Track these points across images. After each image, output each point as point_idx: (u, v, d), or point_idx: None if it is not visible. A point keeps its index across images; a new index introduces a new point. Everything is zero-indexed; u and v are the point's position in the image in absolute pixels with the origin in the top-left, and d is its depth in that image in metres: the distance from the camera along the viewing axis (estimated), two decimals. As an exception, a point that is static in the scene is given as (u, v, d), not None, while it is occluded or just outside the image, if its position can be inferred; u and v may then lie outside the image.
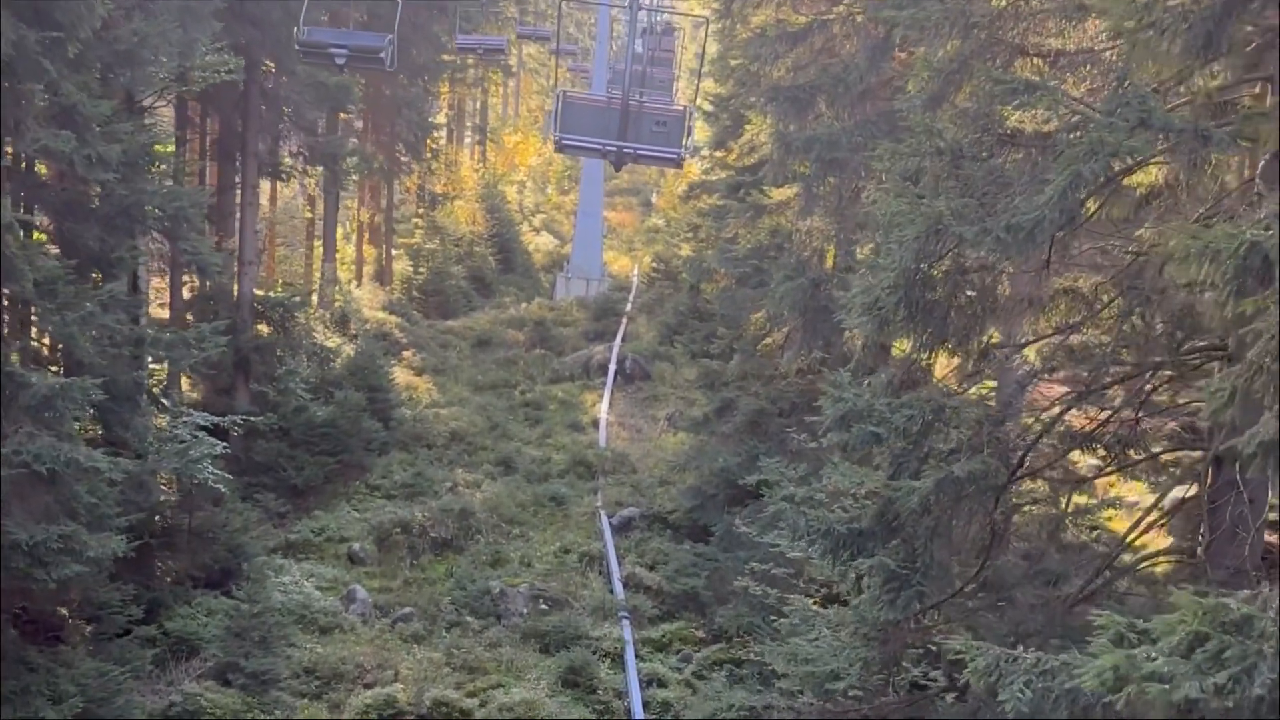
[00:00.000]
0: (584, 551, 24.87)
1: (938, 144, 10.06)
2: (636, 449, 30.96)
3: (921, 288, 10.09)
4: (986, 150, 10.17)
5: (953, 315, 10.36)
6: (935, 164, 10.18)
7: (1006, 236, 8.83)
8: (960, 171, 10.07)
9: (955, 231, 9.40)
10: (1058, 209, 8.55)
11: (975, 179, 9.94)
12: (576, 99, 25.20)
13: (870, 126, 20.30)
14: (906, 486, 9.97)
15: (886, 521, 10.59)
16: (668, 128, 22.61)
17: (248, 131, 26.57)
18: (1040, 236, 8.78)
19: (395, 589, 23.55)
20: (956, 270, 10.23)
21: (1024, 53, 10.88)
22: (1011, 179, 9.83)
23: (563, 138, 22.95)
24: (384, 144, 42.55)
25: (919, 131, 10.22)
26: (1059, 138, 9.51)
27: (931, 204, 9.55)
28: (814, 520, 11.60)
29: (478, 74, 58.17)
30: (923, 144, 10.19)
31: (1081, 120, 8.95)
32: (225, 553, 22.25)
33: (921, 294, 10.09)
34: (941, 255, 9.98)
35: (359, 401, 28.35)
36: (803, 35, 23.34)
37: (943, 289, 10.25)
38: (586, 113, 23.35)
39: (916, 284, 10.03)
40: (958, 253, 9.94)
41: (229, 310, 27.08)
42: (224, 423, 22.62)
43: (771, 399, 23.41)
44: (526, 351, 39.23)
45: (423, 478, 27.85)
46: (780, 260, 23.61)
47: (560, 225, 61.52)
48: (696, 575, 23.21)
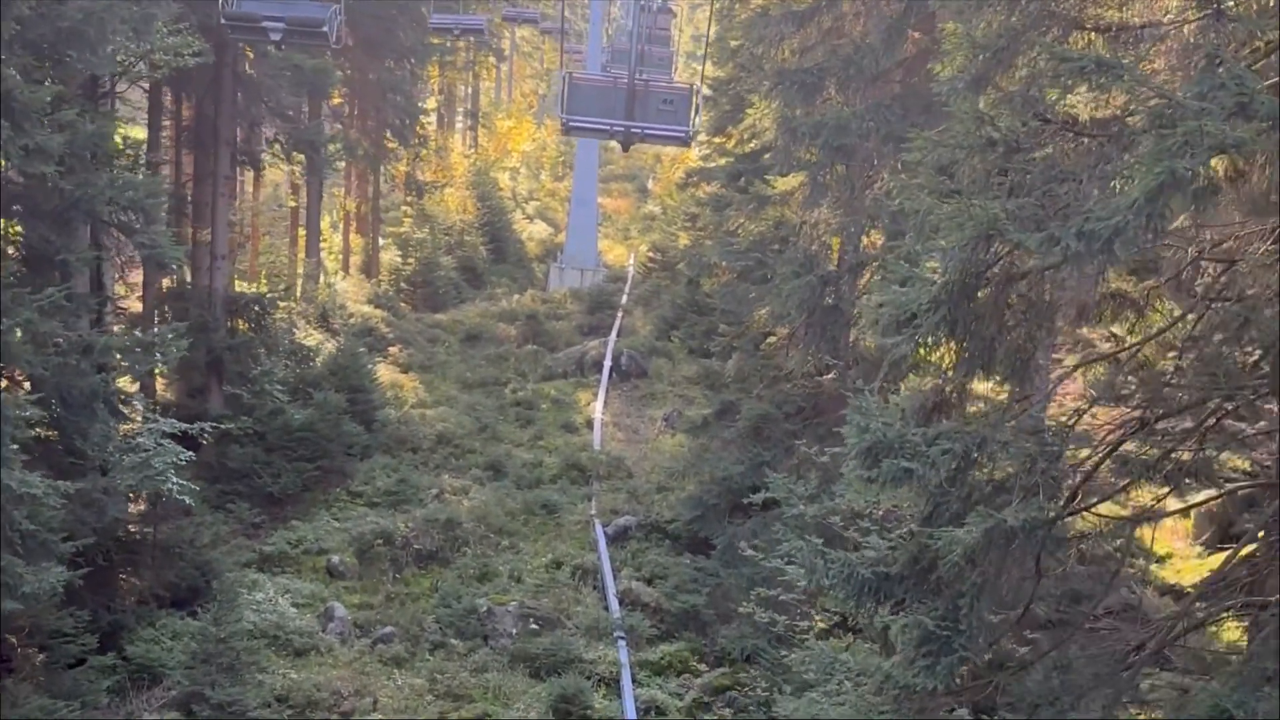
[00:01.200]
0: (577, 564, 23.42)
1: (989, 133, 8.57)
2: (633, 451, 29.47)
3: (968, 301, 8.62)
4: (1044, 140, 8.67)
5: (1002, 332, 8.89)
6: (985, 157, 8.70)
7: (1079, 245, 7.35)
8: (1012, 165, 8.59)
9: (1014, 238, 7.94)
10: (1144, 214, 7.07)
11: (1032, 175, 8.45)
12: (582, 80, 24.67)
13: (884, 111, 18.83)
14: (949, 537, 8.52)
15: (921, 568, 9.15)
16: (674, 106, 22.18)
17: (220, 118, 25.05)
18: (1120, 246, 7.31)
19: (376, 605, 22.16)
20: (1005, 278, 8.74)
21: (1080, 26, 9.39)
22: (1072, 174, 8.34)
23: (570, 120, 22.61)
24: (370, 130, 41.02)
25: (966, 118, 8.72)
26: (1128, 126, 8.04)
27: (984, 206, 8.07)
28: (834, 561, 10.14)
29: (469, 57, 56.61)
30: (970, 133, 8.70)
31: (1165, 105, 7.46)
32: (193, 570, 20.83)
33: (967, 308, 8.63)
34: (992, 264, 8.51)
35: (339, 403, 26.85)
36: (810, 14, 21.88)
37: (991, 303, 8.78)
38: (593, 94, 23.01)
39: (962, 298, 8.55)
40: (1009, 261, 8.48)
41: (201, 307, 25.64)
42: (193, 430, 21.18)
43: (777, 403, 21.93)
44: (518, 347, 37.69)
45: (407, 484, 26.37)
46: (785, 254, 22.15)
47: (554, 213, 59.97)
48: (697, 592, 21.78)
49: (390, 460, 27.80)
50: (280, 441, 25.64)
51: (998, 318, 8.89)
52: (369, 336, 35.59)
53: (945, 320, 8.55)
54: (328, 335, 33.19)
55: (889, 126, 18.52)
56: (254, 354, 26.15)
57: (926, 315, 8.55)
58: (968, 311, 8.66)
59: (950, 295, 8.49)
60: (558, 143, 68.22)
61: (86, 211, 16.21)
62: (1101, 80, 7.85)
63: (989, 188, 9.17)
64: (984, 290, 8.71)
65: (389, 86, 38.75)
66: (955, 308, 8.54)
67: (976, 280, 8.60)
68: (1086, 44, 9.26)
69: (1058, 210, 8.12)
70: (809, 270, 20.10)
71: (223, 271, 25.60)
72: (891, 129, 18.41)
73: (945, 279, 8.49)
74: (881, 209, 18.26)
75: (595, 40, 48.55)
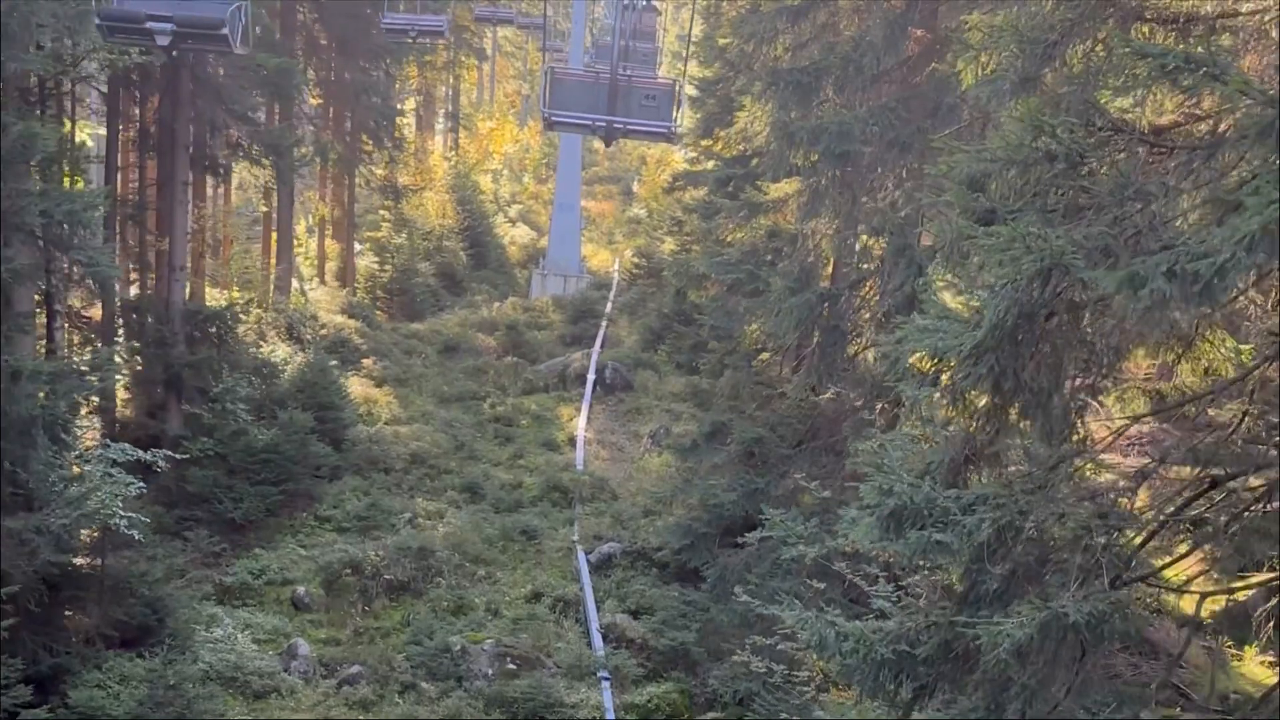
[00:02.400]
0: (558, 596, 21.97)
1: (1047, 145, 7.15)
2: (617, 471, 27.99)
3: (1017, 347, 7.23)
4: (1114, 153, 7.24)
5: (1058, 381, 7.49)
6: (1042, 171, 7.30)
7: (1170, 288, 5.93)
8: (1069, 183, 7.19)
9: (1084, 277, 6.55)
10: (1261, 249, 5.66)
11: (1098, 194, 7.05)
12: (565, 75, 24.20)
13: (887, 114, 17.45)
14: (994, 630, 7.11)
15: (956, 656, 7.76)
16: (657, 101, 21.76)
17: (177, 121, 23.52)
18: (1223, 288, 5.91)
19: (344, 641, 20.76)
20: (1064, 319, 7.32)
21: (1140, 17, 8.02)
22: (1146, 193, 6.94)
23: (552, 114, 22.16)
24: (345, 133, 39.51)
25: (1019, 126, 7.29)
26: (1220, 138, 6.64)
27: (1043, 235, 6.66)
28: (847, 635, 8.70)
29: (449, 57, 55.11)
30: (1021, 144, 7.29)
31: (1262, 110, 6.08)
32: (144, 607, 19.40)
33: (1016, 355, 7.24)
34: (1049, 302, 7.10)
35: (306, 422, 25.34)
36: (804, 10, 20.53)
37: (1049, 349, 7.38)
38: (575, 89, 22.51)
39: (1012, 343, 7.16)
40: (1069, 298, 7.08)
41: (158, 321, 24.15)
42: (146, 457, 19.71)
43: (771, 425, 20.50)
44: (498, 359, 36.18)
45: (378, 508, 24.88)
46: (780, 266, 20.75)
47: (537, 216, 58.50)
48: (686, 628, 20.34)
49: (361, 482, 26.33)
50: (243, 463, 24.20)
51: (1054, 367, 7.49)
52: (342, 348, 34.09)
53: (991, 372, 7.16)
54: (297, 348, 31.62)
55: (893, 131, 17.17)
56: (215, 370, 24.65)
57: (967, 364, 7.15)
58: (1016, 359, 7.28)
59: (998, 341, 7.10)
60: (541, 144, 66.81)
61: (14, 224, 14.67)
62: (1189, 82, 6.43)
63: (1031, 206, 7.76)
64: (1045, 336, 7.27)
65: (363, 88, 37.27)
66: (1003, 356, 7.16)
67: (1029, 323, 7.21)
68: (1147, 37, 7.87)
69: (1127, 238, 6.76)
70: (806, 285, 18.74)
71: (181, 284, 24.09)
72: (896, 133, 17.04)
73: (993, 321, 7.08)
74: (886, 220, 16.88)
75: (578, 39, 47.26)
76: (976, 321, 7.21)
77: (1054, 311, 7.23)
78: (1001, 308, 7.03)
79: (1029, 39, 7.96)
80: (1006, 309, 6.99)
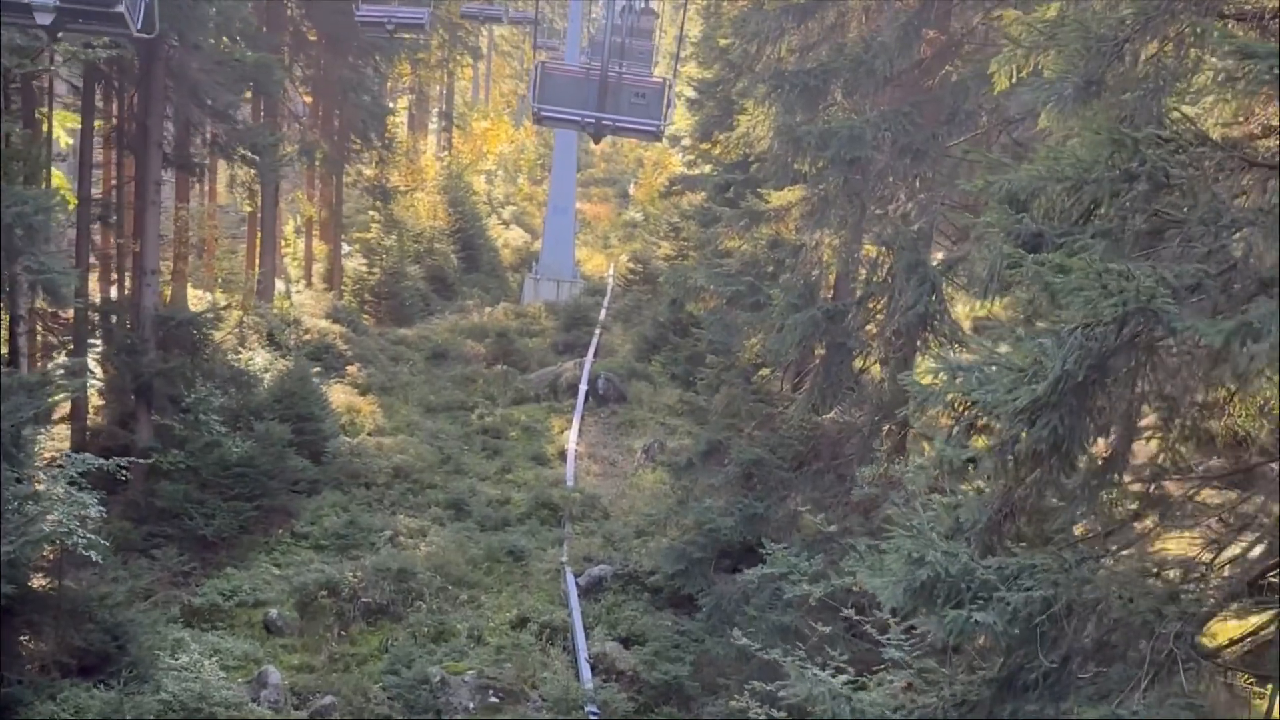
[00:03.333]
0: (545, 621, 20.82)
1: (1128, 165, 6.03)
2: (609, 487, 26.84)
3: (1083, 401, 6.11)
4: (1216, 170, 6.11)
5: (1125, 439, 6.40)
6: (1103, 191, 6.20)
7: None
8: (1150, 206, 6.10)
9: (1179, 325, 5.45)
10: None
11: (1189, 223, 5.94)
12: (555, 70, 24.28)
13: (900, 119, 16.34)
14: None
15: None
16: (647, 100, 22.28)
17: (149, 117, 22.36)
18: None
19: (318, 668, 19.64)
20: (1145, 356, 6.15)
21: (1220, 13, 6.91)
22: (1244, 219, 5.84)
23: (541, 109, 22.61)
24: (333, 131, 38.34)
25: (1101, 138, 6.17)
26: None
27: (1129, 273, 5.53)
28: (862, 712, 7.56)
29: (443, 55, 53.95)
30: (1099, 159, 6.17)
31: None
32: (103, 633, 18.17)
33: (1082, 411, 6.12)
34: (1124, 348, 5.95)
35: (284, 434, 24.18)
36: (811, 9, 19.45)
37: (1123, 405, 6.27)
38: (565, 84, 22.92)
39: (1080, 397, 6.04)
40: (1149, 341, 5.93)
41: (128, 327, 23.02)
42: (109, 466, 18.56)
43: (771, 445, 19.37)
44: (487, 367, 35.01)
45: (357, 526, 23.73)
46: (782, 279, 19.66)
47: (532, 218, 57.40)
48: (680, 660, 19.21)
49: (340, 497, 25.17)
50: (216, 477, 23.05)
51: (1125, 423, 6.38)
52: (326, 354, 32.97)
53: (1053, 433, 6.05)
54: (278, 354, 30.46)
55: (906, 137, 16.07)
56: (188, 379, 23.48)
57: (1020, 422, 6.02)
58: (1083, 418, 6.15)
59: (1062, 397, 5.98)
60: (537, 144, 65.71)
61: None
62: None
63: (1084, 231, 6.66)
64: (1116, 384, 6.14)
65: (352, 85, 36.11)
66: (1068, 415, 6.04)
67: (1101, 375, 6.08)
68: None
69: (1220, 273, 5.68)
70: (809, 301, 17.63)
71: (154, 288, 22.92)
72: (909, 140, 15.95)
73: (1058, 374, 5.94)
74: (898, 233, 15.78)
75: (573, 37, 46.25)
76: (1035, 372, 6.07)
77: (1136, 362, 6.08)
78: (1070, 358, 5.89)
79: (1096, 35, 6.83)
80: (1078, 359, 5.85)
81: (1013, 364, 6.24)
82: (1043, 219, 7.39)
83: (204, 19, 21.05)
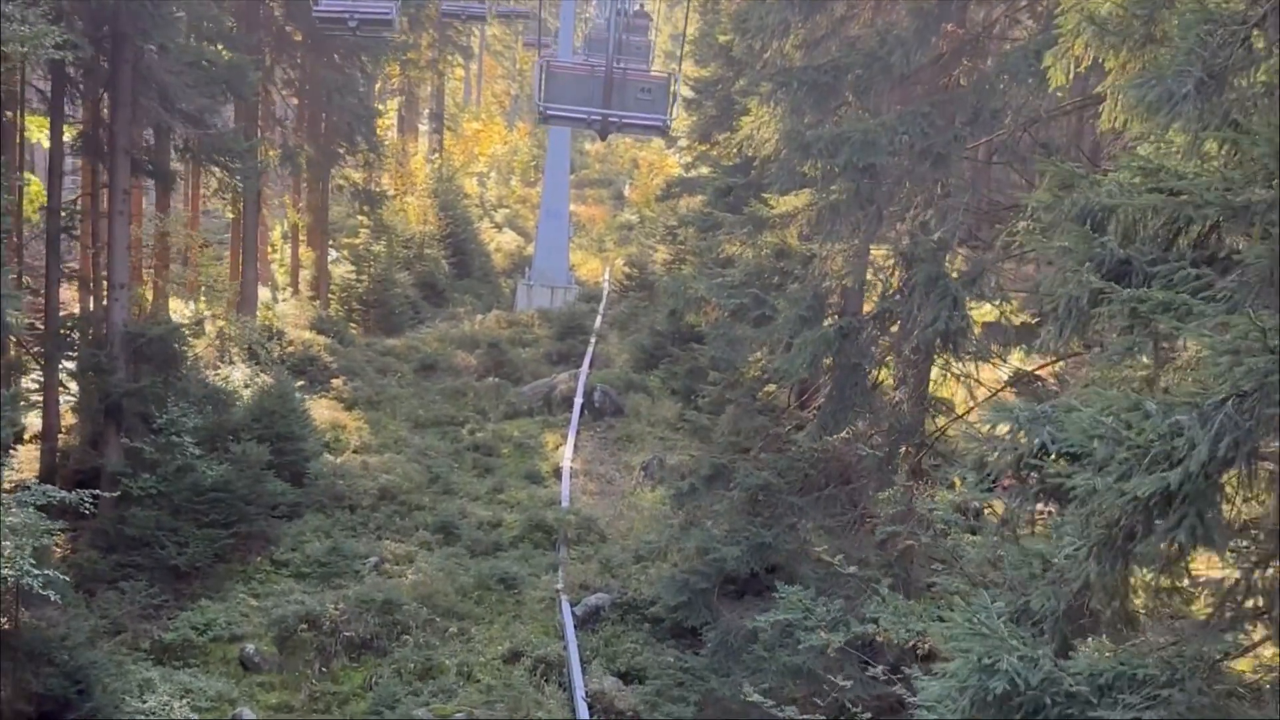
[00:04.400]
0: (539, 656, 19.57)
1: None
2: (606, 507, 25.53)
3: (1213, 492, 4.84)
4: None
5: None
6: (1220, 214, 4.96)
7: None
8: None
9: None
10: None
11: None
12: (559, 68, 24.07)
13: (919, 120, 15.08)
14: None
15: None
16: (652, 95, 22.20)
17: (116, 122, 21.06)
18: None
19: (297, 708, 18.53)
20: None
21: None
22: None
23: (547, 107, 22.40)
24: (319, 134, 37.01)
25: (1261, 149, 4.91)
26: None
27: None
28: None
29: (433, 55, 52.65)
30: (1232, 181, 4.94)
31: None
32: (62, 678, 16.90)
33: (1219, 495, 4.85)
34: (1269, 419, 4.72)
35: (262, 456, 22.89)
36: (821, 1, 18.14)
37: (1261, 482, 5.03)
38: (570, 82, 22.67)
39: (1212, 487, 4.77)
40: None
41: (96, 344, 21.74)
42: (72, 498, 17.29)
43: (779, 470, 18.09)
44: (478, 379, 33.68)
45: (340, 553, 22.47)
46: (790, 291, 18.40)
47: (525, 221, 56.08)
48: (684, 700, 17.98)
49: (323, 521, 23.90)
50: (189, 503, 21.81)
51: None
52: (310, 367, 31.70)
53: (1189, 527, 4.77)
54: (258, 368, 29.14)
55: (926, 140, 14.81)
56: (160, 398, 22.17)
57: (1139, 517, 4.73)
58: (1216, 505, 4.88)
59: (1198, 488, 4.66)
60: (530, 146, 64.42)
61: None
62: None
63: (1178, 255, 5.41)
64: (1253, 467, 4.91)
65: (337, 87, 34.76)
66: (1204, 505, 4.75)
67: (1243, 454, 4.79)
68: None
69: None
70: (819, 315, 16.38)
71: (123, 303, 21.63)
72: (930, 143, 14.69)
73: (1203, 459, 4.63)
74: (917, 244, 14.53)
75: (566, 36, 45.04)
76: (1166, 453, 4.76)
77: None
78: (1211, 437, 4.58)
79: (1221, 19, 5.54)
80: (1232, 442, 4.55)
81: (1132, 440, 4.90)
82: (1119, 239, 6.14)
83: (169, 18, 19.75)
